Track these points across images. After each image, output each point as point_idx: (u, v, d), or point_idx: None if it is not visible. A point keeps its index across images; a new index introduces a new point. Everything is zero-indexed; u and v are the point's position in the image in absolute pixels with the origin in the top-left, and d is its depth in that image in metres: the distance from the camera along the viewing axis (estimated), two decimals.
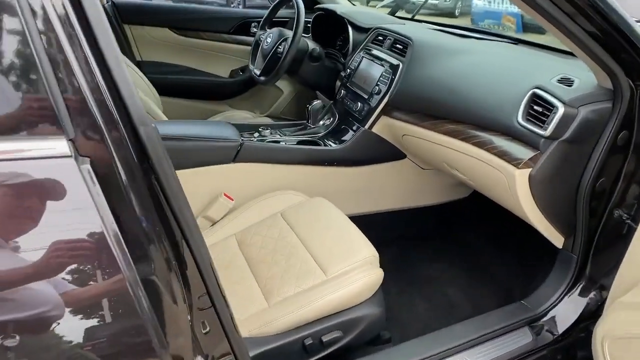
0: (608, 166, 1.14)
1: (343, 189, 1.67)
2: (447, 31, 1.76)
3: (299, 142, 1.65)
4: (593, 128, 1.11)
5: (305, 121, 1.78)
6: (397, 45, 1.64)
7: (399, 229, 1.86)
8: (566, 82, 1.16)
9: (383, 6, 3.29)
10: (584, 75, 1.15)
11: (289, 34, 1.85)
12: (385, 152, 1.71)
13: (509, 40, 1.76)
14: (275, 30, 1.92)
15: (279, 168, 1.54)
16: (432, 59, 1.50)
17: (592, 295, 1.28)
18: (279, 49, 1.85)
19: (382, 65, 1.64)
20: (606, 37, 0.97)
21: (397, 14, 2.36)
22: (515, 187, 1.18)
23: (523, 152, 1.16)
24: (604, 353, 1.06)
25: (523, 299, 1.32)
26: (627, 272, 1.07)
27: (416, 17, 2.30)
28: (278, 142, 1.62)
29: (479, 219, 1.89)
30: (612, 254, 1.20)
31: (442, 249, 1.85)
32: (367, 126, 1.62)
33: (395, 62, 1.60)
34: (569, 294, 1.28)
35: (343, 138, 1.66)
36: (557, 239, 1.31)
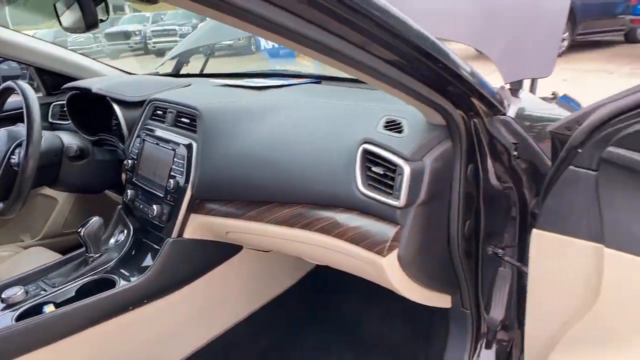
0: (468, 206, 0.96)
1: (160, 329, 1.19)
2: (243, 85, 1.43)
3: (80, 290, 1.10)
4: (443, 175, 0.90)
5: (83, 250, 1.22)
6: (183, 119, 1.24)
7: (266, 331, 1.45)
8: (394, 126, 0.93)
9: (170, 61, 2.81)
10: (408, 112, 0.93)
11: (24, 134, 1.29)
12: (213, 255, 1.28)
13: (312, 80, 1.52)
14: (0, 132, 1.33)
15: (52, 349, 0.98)
16: (232, 128, 1.14)
17: (496, 348, 1.09)
18: (13, 159, 1.26)
19: (172, 148, 1.22)
20: (425, 72, 0.74)
21: (183, 71, 1.96)
22: (386, 276, 0.90)
23: (382, 232, 0.88)
24: None
25: None
26: (535, 329, 0.88)
27: (213, 70, 1.93)
28: (42, 304, 1.04)
29: (356, 288, 1.60)
30: (499, 295, 1.04)
31: (327, 331, 1.51)
32: (174, 235, 1.17)
33: (185, 141, 1.19)
34: (475, 356, 1.07)
35: (143, 264, 1.17)
36: (444, 301, 1.08)
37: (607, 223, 0.68)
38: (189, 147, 1.17)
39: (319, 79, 1.54)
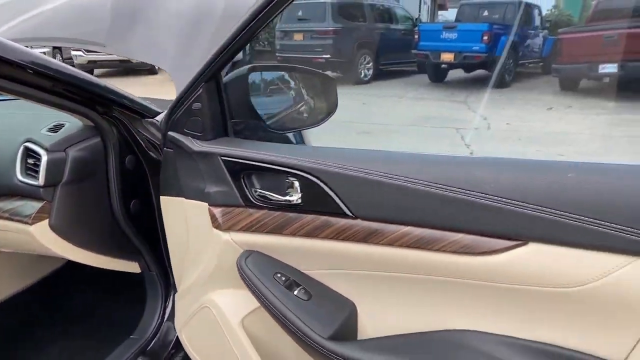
0: (128, 187, 1.18)
1: None
2: None
3: None
4: (92, 163, 1.12)
5: None
6: None
7: None
8: (57, 128, 1.14)
9: None
10: (73, 118, 1.15)
11: None
12: None
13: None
14: None
15: None
16: None
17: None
18: None
19: None
20: (75, 95, 0.97)
21: None
22: (41, 242, 1.09)
23: (31, 207, 1.09)
24: (186, 343, 1.10)
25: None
26: (174, 268, 1.13)
27: None
28: None
29: (95, 282, 1.71)
30: None
31: (64, 321, 1.60)
32: None
33: None
34: (166, 309, 1.29)
35: None
36: (131, 267, 1.29)
37: (181, 182, 0.97)
38: None
39: None
